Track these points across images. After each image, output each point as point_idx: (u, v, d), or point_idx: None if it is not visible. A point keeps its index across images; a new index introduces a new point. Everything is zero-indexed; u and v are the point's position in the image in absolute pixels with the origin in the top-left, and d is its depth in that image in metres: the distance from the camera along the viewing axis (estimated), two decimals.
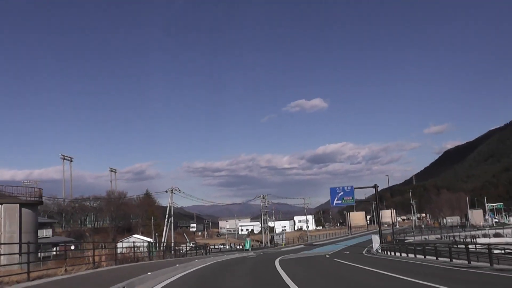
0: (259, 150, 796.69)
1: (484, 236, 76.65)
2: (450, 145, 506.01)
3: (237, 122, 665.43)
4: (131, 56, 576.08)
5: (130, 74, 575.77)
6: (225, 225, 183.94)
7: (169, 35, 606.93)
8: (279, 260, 27.25)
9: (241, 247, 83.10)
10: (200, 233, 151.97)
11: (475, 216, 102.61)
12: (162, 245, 53.40)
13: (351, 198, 51.29)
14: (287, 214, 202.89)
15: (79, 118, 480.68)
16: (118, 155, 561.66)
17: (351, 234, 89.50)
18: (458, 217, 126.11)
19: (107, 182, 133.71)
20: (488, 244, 21.21)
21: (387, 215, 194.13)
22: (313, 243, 66.72)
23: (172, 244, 56.08)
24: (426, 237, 73.15)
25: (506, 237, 74.56)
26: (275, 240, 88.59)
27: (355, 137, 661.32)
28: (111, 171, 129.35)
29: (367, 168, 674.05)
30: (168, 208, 73.79)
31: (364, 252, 44.89)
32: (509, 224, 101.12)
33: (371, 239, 50.84)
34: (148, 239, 56.41)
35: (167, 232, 72.20)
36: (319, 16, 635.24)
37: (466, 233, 77.89)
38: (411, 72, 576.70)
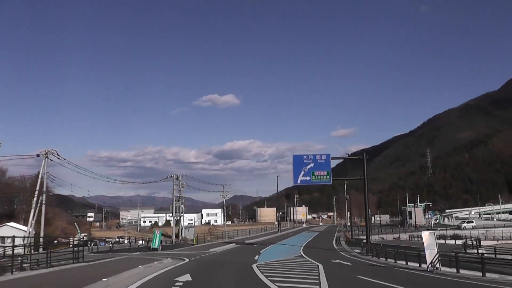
0: (167, 142, 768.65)
1: (443, 237, 63.74)
2: (355, 148, 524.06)
3: (147, 112, 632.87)
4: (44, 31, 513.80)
5: (41, 51, 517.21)
6: (127, 216, 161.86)
7: (79, 16, 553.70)
8: None
9: (143, 243, 61.91)
10: (98, 224, 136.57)
11: (416, 214, 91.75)
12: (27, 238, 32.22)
13: (326, 173, 33.35)
14: (191, 208, 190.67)
15: None
16: (21, 138, 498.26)
17: (280, 231, 72.46)
18: (388, 216, 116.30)
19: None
20: None
21: (299, 212, 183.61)
22: (245, 241, 47.73)
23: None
24: (384, 236, 57.98)
25: (467, 239, 61.88)
26: (183, 235, 69.93)
27: (264, 135, 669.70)
28: None
29: (272, 166, 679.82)
30: (39, 181, 50.38)
31: (349, 256, 27.83)
32: (448, 225, 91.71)
33: (315, 237, 34.00)
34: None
35: (35, 217, 48.20)
36: (239, 11, 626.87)
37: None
38: (322, 76, 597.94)
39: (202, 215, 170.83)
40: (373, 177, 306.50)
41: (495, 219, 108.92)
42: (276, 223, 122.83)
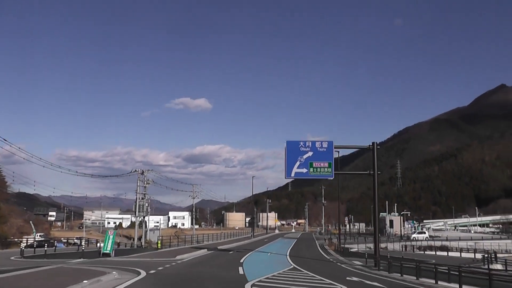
0: (137, 144, 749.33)
1: (431, 248, 58.31)
2: None
3: (118, 113, 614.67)
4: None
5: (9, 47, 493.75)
6: (91, 216, 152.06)
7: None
8: None
9: (99, 245, 53.35)
10: (60, 224, 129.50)
11: (395, 223, 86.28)
12: None
13: (327, 165, 26.60)
14: (158, 211, 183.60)
15: None
16: None
17: (253, 237, 65.43)
18: (363, 224, 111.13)
19: None
20: None
21: (270, 218, 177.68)
22: (218, 247, 40.11)
23: None
24: (370, 246, 51.61)
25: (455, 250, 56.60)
26: (147, 238, 61.79)
27: (234, 141, 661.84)
28: None
29: (241, 172, 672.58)
30: None
31: (355, 269, 21.24)
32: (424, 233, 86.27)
33: (295, 244, 37.10)
34: None
35: None
36: (216, 16, 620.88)
37: (415, 243, 59.75)
38: (294, 85, 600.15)
39: (169, 217, 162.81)
40: (342, 186, 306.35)
41: (472, 231, 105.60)
42: (246, 228, 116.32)
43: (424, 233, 77.01)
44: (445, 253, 53.06)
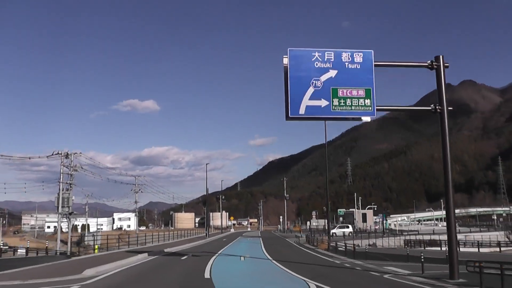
0: (83, 146, 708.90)
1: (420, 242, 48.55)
2: (272, 157, 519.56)
3: (64, 115, 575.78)
4: None
5: None
6: (29, 221, 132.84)
7: None
8: None
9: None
10: None
11: (368, 217, 76.43)
12: None
13: (363, 94, 14.51)
14: (104, 214, 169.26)
15: None
16: None
17: (208, 236, 52.77)
18: (324, 220, 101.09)
19: None
20: None
21: (218, 217, 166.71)
22: (165, 250, 27.21)
23: None
24: (357, 243, 40.37)
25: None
26: (85, 242, 52.01)
27: (181, 143, 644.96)
28: None
29: (189, 173, 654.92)
30: None
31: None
32: (394, 230, 77.19)
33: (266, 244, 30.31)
34: None
35: None
36: (164, 20, 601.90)
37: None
38: (242, 85, 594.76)
39: (113, 219, 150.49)
40: (291, 186, 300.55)
41: (439, 225, 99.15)
42: (196, 229, 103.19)
43: (348, 227, 64.74)
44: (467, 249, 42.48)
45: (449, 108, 15.04)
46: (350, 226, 65.92)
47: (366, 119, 15.36)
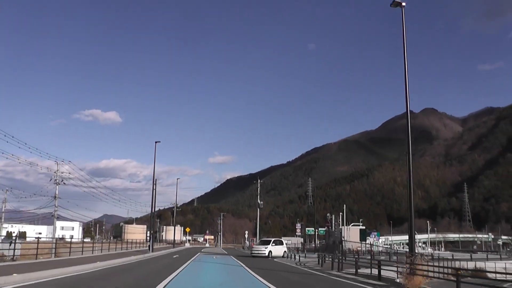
0: (41, 154, 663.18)
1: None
2: (230, 175, 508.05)
3: (23, 121, 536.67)
4: None
5: None
6: None
7: None
8: None
9: None
10: None
11: (352, 236, 66.01)
12: None
13: None
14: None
15: None
16: None
17: (152, 250, 40.79)
18: (301, 239, 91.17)
19: None
20: None
21: (171, 231, 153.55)
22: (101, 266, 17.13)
23: None
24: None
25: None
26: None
27: (140, 156, 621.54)
28: None
29: (146, 188, 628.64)
30: None
31: None
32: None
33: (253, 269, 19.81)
34: None
35: None
36: (130, 32, 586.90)
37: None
38: (203, 103, 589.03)
39: (54, 228, 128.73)
40: (249, 204, 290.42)
41: (429, 249, 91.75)
42: (147, 242, 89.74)
43: (281, 243, 50.62)
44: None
45: None
46: (284, 242, 48.60)
47: None
